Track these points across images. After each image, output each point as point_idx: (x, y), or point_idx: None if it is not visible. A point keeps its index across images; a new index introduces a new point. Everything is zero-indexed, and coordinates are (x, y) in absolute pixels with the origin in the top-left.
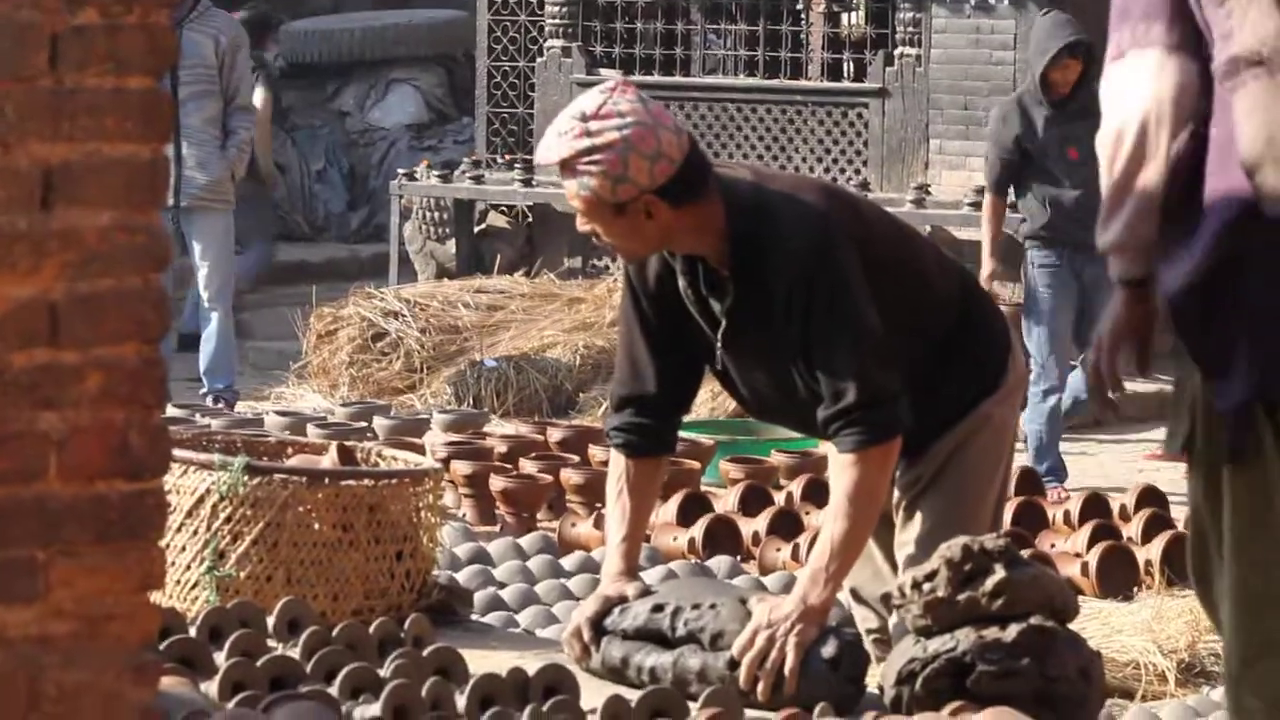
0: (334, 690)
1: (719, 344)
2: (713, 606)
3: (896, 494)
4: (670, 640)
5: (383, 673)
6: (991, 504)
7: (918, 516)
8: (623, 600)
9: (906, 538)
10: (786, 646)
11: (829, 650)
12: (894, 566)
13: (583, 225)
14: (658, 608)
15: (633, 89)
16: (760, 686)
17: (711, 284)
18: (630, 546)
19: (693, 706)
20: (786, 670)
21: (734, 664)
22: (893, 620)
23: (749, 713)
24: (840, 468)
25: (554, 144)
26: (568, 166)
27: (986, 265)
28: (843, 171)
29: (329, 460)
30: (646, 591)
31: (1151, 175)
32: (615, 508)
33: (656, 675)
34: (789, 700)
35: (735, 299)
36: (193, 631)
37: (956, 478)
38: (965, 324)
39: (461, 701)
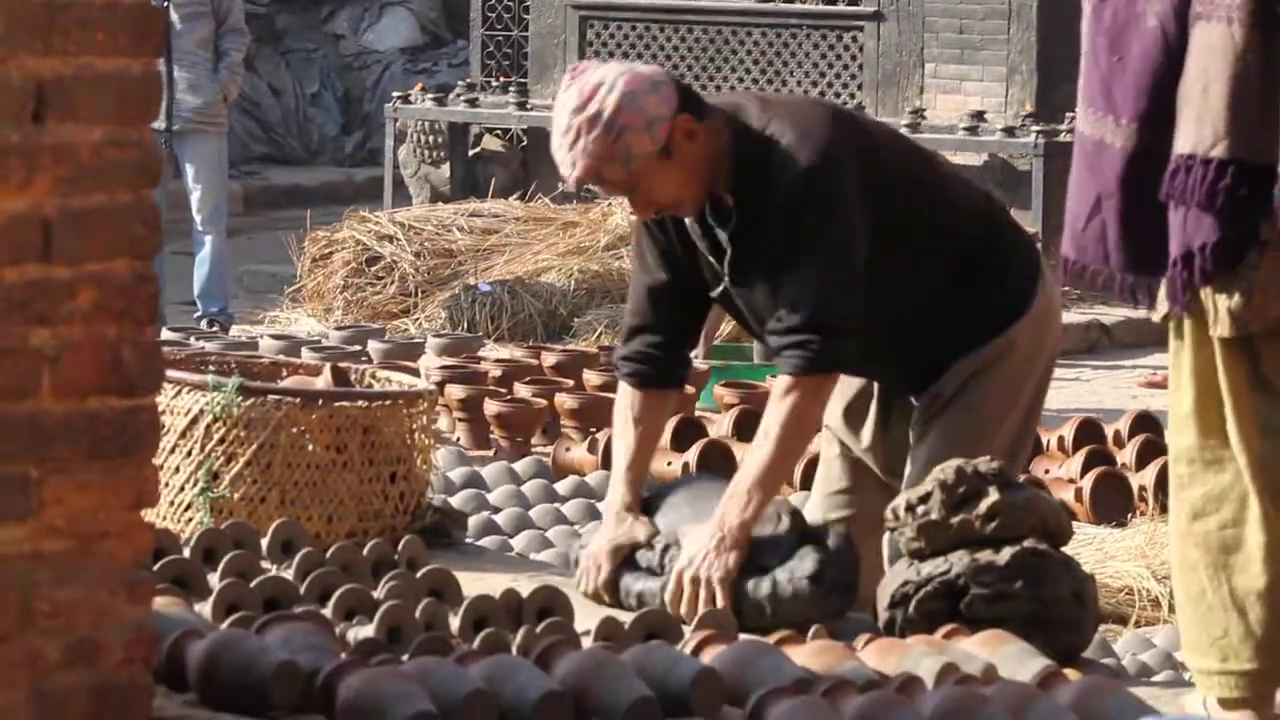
0: (328, 611)
1: (726, 274)
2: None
3: (915, 411)
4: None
5: (376, 594)
6: (1010, 433)
7: (929, 436)
8: (635, 546)
9: (917, 456)
10: (713, 584)
11: (808, 567)
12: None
13: (632, 213)
14: (658, 547)
15: (583, 62)
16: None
17: (718, 212)
18: (635, 477)
19: (687, 630)
20: (718, 607)
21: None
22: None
23: (742, 635)
24: (777, 391)
25: (575, 154)
26: (600, 158)
27: None
28: (837, 96)
29: (323, 382)
30: (654, 531)
31: None
32: (621, 439)
33: (644, 601)
34: (780, 623)
35: (738, 223)
36: (186, 552)
37: (974, 401)
38: (990, 245)
39: (455, 623)
